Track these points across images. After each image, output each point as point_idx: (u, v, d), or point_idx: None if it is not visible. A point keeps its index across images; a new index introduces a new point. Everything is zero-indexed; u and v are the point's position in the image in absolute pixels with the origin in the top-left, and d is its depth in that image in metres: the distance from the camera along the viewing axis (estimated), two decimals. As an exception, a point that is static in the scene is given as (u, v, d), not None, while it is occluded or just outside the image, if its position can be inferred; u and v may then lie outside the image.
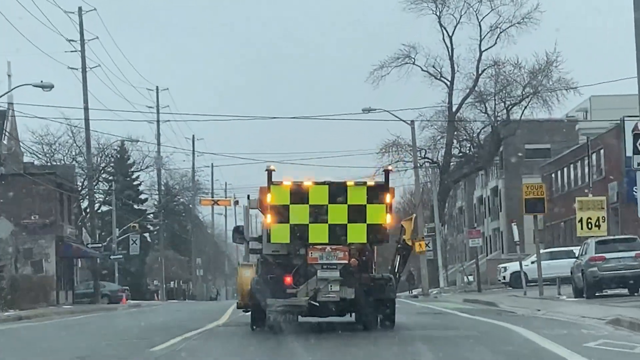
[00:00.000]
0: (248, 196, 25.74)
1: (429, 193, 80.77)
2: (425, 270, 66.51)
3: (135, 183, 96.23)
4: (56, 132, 78.88)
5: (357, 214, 21.93)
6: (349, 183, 22.42)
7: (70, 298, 64.77)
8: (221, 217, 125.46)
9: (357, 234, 21.97)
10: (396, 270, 24.24)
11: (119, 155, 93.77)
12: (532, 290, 45.16)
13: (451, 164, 79.18)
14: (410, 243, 24.74)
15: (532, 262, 51.08)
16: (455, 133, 77.88)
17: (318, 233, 21.87)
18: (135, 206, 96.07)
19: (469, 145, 79.93)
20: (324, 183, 22.28)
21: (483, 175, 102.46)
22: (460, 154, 79.61)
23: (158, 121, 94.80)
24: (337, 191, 22.11)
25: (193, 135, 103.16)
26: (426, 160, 77.08)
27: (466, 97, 77.15)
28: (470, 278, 72.51)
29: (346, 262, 21.79)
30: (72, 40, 65.63)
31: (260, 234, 23.82)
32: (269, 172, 22.24)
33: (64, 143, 79.16)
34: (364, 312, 22.88)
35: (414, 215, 31.41)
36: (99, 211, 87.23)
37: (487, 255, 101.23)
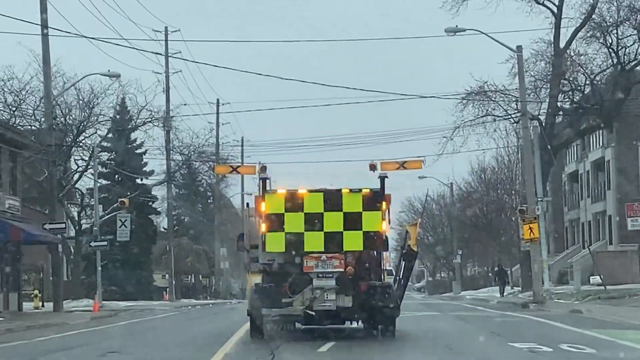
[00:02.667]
0: (247, 204, 25.62)
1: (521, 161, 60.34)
2: (539, 267, 45.12)
3: (138, 151, 75.20)
4: (22, 76, 58.66)
5: (352, 221, 21.79)
6: (344, 190, 22.17)
7: (15, 303, 44.21)
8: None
9: (353, 241, 21.81)
10: (400, 277, 23.55)
11: (118, 116, 72.90)
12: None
13: (557, 120, 58.33)
14: (415, 248, 23.30)
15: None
16: (565, 78, 56.87)
17: (313, 241, 21.74)
18: (139, 180, 75.22)
19: (580, 94, 58.73)
20: (318, 191, 22.19)
21: (579, 145, 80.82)
22: (574, 105, 58.25)
23: (167, 73, 74.72)
24: (332, 199, 21.93)
25: (217, 100, 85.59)
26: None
27: (580, 27, 56.56)
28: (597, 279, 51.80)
29: (342, 270, 21.63)
30: None
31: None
32: (264, 181, 21.94)
33: (34, 90, 58.61)
34: (364, 321, 22.63)
35: (419, 220, 30.21)
36: (78, 186, 67.01)
37: (583, 247, 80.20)
